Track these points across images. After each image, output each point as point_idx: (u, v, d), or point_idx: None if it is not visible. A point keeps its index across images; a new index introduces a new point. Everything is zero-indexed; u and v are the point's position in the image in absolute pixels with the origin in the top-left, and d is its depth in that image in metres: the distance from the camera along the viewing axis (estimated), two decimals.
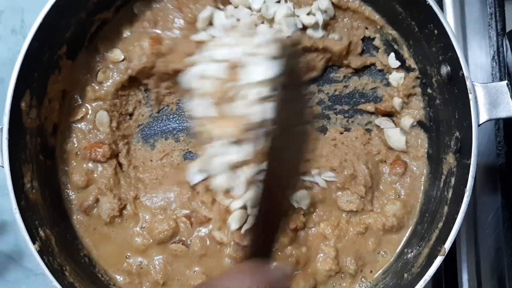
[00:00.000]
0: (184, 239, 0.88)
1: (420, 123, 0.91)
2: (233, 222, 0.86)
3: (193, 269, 0.87)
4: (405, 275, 0.81)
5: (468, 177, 0.74)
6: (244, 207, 0.87)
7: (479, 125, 0.74)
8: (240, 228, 0.86)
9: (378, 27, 0.91)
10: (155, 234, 0.87)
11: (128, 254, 0.88)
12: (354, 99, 0.94)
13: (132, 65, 0.89)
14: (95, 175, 0.89)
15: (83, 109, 0.89)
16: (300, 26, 0.88)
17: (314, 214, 0.89)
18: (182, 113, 0.94)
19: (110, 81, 0.90)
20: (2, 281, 1.00)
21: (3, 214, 1.00)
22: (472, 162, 0.73)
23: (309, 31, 0.89)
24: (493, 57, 0.97)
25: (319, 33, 0.89)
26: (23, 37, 0.76)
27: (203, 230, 0.88)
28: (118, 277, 0.87)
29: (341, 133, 0.93)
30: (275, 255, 0.84)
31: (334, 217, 0.89)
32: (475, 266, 0.96)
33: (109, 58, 0.90)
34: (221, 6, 0.90)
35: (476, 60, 0.99)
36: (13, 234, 1.00)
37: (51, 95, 0.84)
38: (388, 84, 0.93)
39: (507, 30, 0.95)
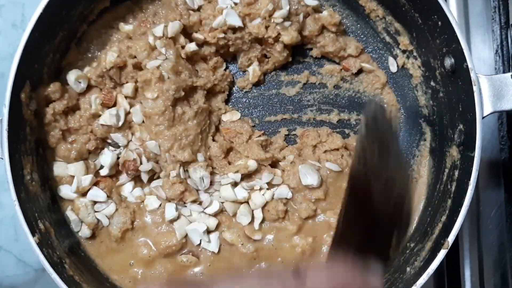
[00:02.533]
0: (194, 249, 0.87)
1: (423, 116, 0.91)
2: (243, 217, 0.86)
3: (199, 274, 0.87)
4: (408, 268, 0.81)
5: (471, 170, 0.73)
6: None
7: (483, 118, 0.73)
8: (251, 222, 0.86)
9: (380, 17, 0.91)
10: (162, 248, 0.85)
11: (132, 261, 0.87)
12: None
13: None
14: None
15: None
16: None
17: (324, 202, 0.88)
18: None
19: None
20: (2, 276, 0.99)
21: (3, 208, 1.00)
22: (476, 155, 0.73)
23: None
24: (497, 51, 0.96)
25: None
26: (23, 32, 0.75)
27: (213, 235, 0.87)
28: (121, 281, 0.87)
29: None
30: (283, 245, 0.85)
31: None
32: (478, 262, 0.96)
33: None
34: None
35: (479, 54, 0.98)
36: (13, 229, 1.00)
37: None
38: None
39: (511, 23, 0.95)
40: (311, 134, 0.90)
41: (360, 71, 0.93)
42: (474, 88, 0.73)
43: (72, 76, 0.84)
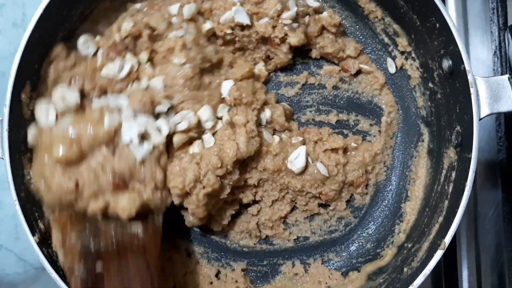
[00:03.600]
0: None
1: (421, 117, 0.91)
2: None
3: None
4: (405, 269, 0.81)
5: (469, 171, 0.74)
6: None
7: (480, 119, 0.74)
8: None
9: (379, 18, 0.91)
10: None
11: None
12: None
13: None
14: None
15: None
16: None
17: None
18: None
19: None
20: (2, 274, 1.00)
21: (3, 207, 1.00)
22: (473, 156, 0.73)
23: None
24: (495, 52, 0.97)
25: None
26: (24, 31, 0.75)
27: None
28: None
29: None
30: None
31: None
32: (475, 262, 0.96)
33: None
34: None
35: (478, 55, 0.99)
36: (14, 227, 1.00)
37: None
38: None
39: (509, 24, 0.95)
40: (313, 131, 0.91)
41: (358, 72, 0.93)
42: (471, 90, 0.73)
43: (82, 39, 0.84)
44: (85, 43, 0.84)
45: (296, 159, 0.86)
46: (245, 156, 0.83)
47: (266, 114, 0.88)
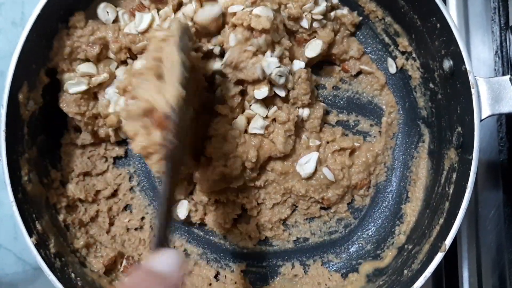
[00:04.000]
0: None
1: (422, 118, 0.91)
2: None
3: None
4: (405, 271, 0.81)
5: (469, 172, 0.73)
6: None
7: (481, 120, 0.73)
8: None
9: (379, 18, 0.90)
10: None
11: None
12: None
13: None
14: None
15: None
16: None
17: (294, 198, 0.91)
18: None
19: None
20: (1, 274, 1.00)
21: (2, 207, 1.00)
22: (474, 158, 0.73)
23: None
24: (496, 52, 0.96)
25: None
26: (23, 30, 0.75)
27: None
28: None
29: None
30: None
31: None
32: (476, 263, 0.96)
33: None
34: None
35: (479, 55, 0.98)
36: (13, 227, 1.00)
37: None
38: None
39: (511, 24, 0.95)
40: (327, 131, 0.90)
41: (359, 72, 0.93)
42: (473, 91, 0.72)
43: (102, 5, 0.83)
44: (105, 8, 0.83)
45: (306, 164, 0.85)
46: (279, 155, 0.82)
47: (304, 113, 0.86)
